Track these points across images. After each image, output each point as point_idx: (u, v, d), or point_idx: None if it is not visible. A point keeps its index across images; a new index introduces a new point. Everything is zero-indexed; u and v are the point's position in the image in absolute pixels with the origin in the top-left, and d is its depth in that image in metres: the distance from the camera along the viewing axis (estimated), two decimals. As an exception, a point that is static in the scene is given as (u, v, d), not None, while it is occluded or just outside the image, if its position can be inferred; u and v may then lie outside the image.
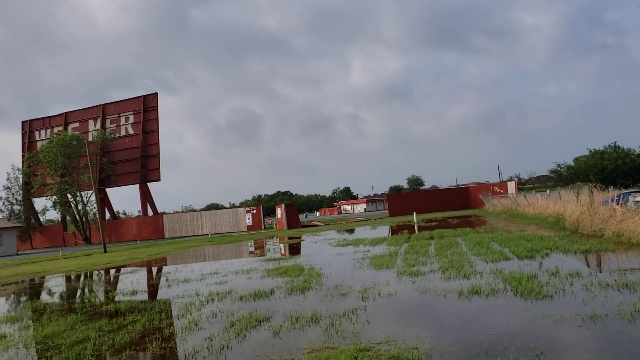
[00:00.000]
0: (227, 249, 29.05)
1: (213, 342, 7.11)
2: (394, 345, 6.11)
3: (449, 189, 67.31)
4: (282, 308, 9.09)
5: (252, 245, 31.18)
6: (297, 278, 12.77)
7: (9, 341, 8.35)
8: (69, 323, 9.45)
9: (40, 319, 10.37)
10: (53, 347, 7.67)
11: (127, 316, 9.67)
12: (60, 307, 11.96)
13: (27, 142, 68.41)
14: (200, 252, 28.87)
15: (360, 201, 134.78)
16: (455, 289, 9.29)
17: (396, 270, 12.51)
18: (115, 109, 63.71)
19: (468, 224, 30.97)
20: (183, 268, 19.13)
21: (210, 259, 23.76)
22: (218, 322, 8.49)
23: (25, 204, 66.02)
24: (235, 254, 25.65)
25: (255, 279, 13.71)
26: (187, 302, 10.78)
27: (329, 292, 10.32)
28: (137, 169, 60.18)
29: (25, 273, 24.16)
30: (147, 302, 11.21)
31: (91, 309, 11.15)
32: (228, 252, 27.14)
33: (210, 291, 11.93)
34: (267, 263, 17.56)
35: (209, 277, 15.17)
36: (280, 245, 28.76)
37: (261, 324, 8.01)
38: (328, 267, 14.46)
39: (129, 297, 12.47)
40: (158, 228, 59.39)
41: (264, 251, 25.57)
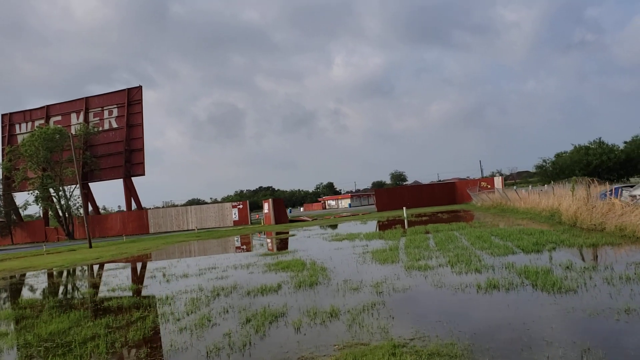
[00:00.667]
0: (218, 244, 28.65)
1: (233, 338, 6.81)
2: (428, 341, 5.87)
3: (435, 184, 67.52)
4: (295, 303, 8.82)
5: (242, 240, 30.79)
6: (301, 273, 12.50)
7: (12, 339, 7.95)
8: (72, 320, 9.06)
9: (40, 315, 9.96)
10: (62, 344, 7.31)
11: (133, 312, 9.32)
12: (58, 304, 11.53)
13: (7, 135, 67.04)
14: (190, 247, 28.43)
15: (345, 196, 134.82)
16: (470, 283, 9.09)
17: (403, 264, 12.29)
18: (98, 102, 62.67)
19: (459, 218, 30.93)
20: (177, 263, 18.72)
21: (203, 253, 23.35)
22: (231, 317, 8.18)
23: (5, 198, 64.77)
24: (227, 248, 25.28)
25: (257, 273, 13.40)
26: (193, 297, 10.44)
27: (340, 286, 10.06)
28: (121, 163, 59.33)
29: (12, 269, 23.54)
30: (150, 298, 10.86)
31: (92, 305, 10.77)
32: (219, 247, 26.76)
33: (214, 286, 11.60)
34: (264, 258, 17.25)
35: (207, 272, 14.82)
36: (272, 240, 28.41)
37: (278, 319, 7.72)
38: (330, 262, 14.19)
39: (128, 293, 12.08)
40: (142, 223, 58.62)
41: (257, 246, 25.22)
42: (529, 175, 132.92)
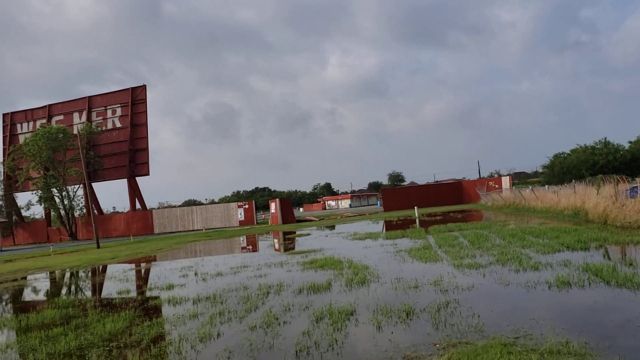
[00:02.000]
0: (233, 243, 28.30)
1: (314, 337, 6.49)
2: (536, 339, 5.57)
3: (442, 183, 67.27)
4: (357, 300, 8.50)
5: (257, 239, 30.43)
6: (343, 271, 12.19)
7: (72, 339, 7.59)
8: (126, 319, 8.72)
9: (87, 314, 9.60)
10: (131, 344, 6.98)
11: (186, 310, 8.98)
12: (99, 303, 11.19)
13: (8, 135, 66.43)
14: (204, 246, 28.05)
15: (345, 197, 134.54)
16: (537, 280, 8.80)
17: (449, 262, 12.00)
18: (101, 101, 62.15)
19: (475, 217, 30.70)
20: (202, 262, 18.38)
21: (222, 252, 23.00)
22: (298, 316, 7.87)
23: (7, 198, 64.19)
24: (245, 247, 24.92)
25: (296, 271, 13.08)
26: (243, 295, 10.12)
27: (395, 284, 9.75)
28: (125, 163, 58.84)
29: (27, 268, 23.13)
30: (196, 296, 10.49)
31: (137, 304, 10.41)
32: (235, 246, 26.41)
33: (259, 284, 11.27)
34: (294, 256, 16.91)
35: (241, 270, 14.49)
36: (290, 239, 27.97)
37: (350, 317, 7.40)
38: (367, 260, 13.87)
39: (168, 292, 11.72)
40: (147, 223, 58.16)
41: (278, 245, 24.85)
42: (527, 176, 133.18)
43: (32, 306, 11.65)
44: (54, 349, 7.06)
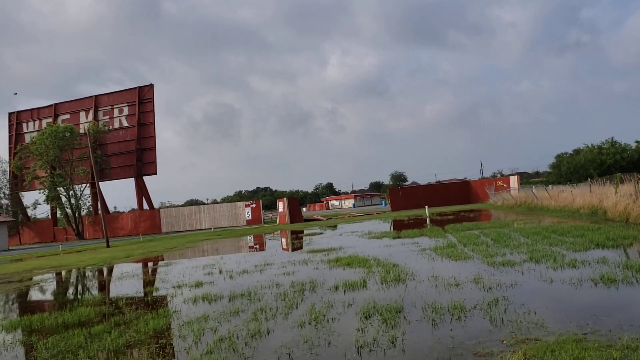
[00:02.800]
0: (246, 242, 28.22)
1: (369, 334, 6.39)
2: (606, 336, 5.46)
3: (450, 183, 67.11)
4: (399, 298, 8.39)
5: (271, 237, 30.34)
6: (374, 269, 12.10)
7: (117, 336, 7.50)
8: (166, 315, 8.66)
9: (121, 312, 9.51)
10: (181, 340, 6.89)
11: (226, 307, 8.88)
12: (131, 300, 11.11)
13: (14, 134, 66.43)
14: (218, 245, 27.96)
15: (348, 197, 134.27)
16: (580, 277, 8.70)
17: (480, 260, 11.90)
18: (108, 100, 62.12)
19: (488, 216, 30.60)
20: (222, 260, 18.27)
21: (238, 251, 22.92)
22: (344, 313, 7.76)
23: (13, 198, 64.14)
24: (261, 246, 24.83)
25: (323, 269, 12.98)
26: (278, 292, 10.02)
27: (433, 282, 9.64)
28: (132, 162, 58.79)
29: (41, 267, 23.06)
30: (230, 293, 10.38)
31: (171, 301, 10.31)
32: (250, 245, 26.31)
33: (292, 281, 11.18)
34: (315, 254, 16.79)
35: (266, 268, 14.39)
36: (305, 238, 27.81)
37: (399, 314, 7.29)
38: (394, 259, 13.74)
39: (198, 289, 11.62)
40: (155, 223, 58.12)
41: (294, 243, 24.73)
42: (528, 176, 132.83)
43: (61, 304, 11.56)
44: (102, 345, 6.97)
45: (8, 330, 8.90)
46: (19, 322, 9.31)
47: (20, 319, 9.55)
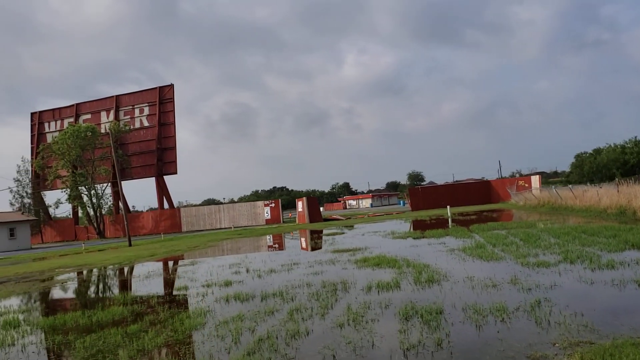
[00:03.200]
0: (268, 241, 28.20)
1: (413, 335, 6.28)
2: (665, 339, 5.29)
3: (470, 182, 66.53)
4: (436, 299, 8.25)
5: (293, 237, 30.30)
6: (404, 269, 11.96)
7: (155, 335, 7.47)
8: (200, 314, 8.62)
9: (154, 311, 9.50)
10: (220, 340, 6.83)
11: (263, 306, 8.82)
12: (163, 299, 11.11)
13: (36, 133, 67.28)
14: (240, 244, 27.99)
15: (366, 196, 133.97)
16: (621, 278, 8.49)
17: (513, 261, 11.70)
18: (129, 100, 62.64)
19: (511, 217, 30.23)
20: (246, 259, 18.26)
21: (261, 250, 22.91)
22: (382, 313, 7.65)
23: (35, 197, 64.97)
24: (284, 245, 24.77)
25: (352, 269, 12.86)
26: (309, 292, 9.95)
27: (469, 283, 9.48)
28: (153, 162, 59.21)
29: (67, 265, 23.26)
30: (261, 292, 10.32)
31: (202, 300, 10.28)
32: (272, 244, 26.28)
33: (322, 281, 11.08)
34: (341, 254, 16.67)
35: (293, 267, 14.33)
36: (327, 238, 27.68)
37: (440, 316, 7.16)
38: (423, 259, 13.57)
39: (228, 288, 11.58)
40: (175, 222, 58.48)
41: (318, 243, 24.61)
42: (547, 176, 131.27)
43: (93, 303, 11.61)
44: (140, 345, 6.94)
45: (43, 328, 8.93)
46: (53, 321, 9.33)
47: (54, 318, 9.57)
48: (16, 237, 50.45)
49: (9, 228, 49.82)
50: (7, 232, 49.45)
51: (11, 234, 49.96)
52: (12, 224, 50.50)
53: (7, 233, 49.43)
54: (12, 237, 49.91)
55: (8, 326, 9.29)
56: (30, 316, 10.23)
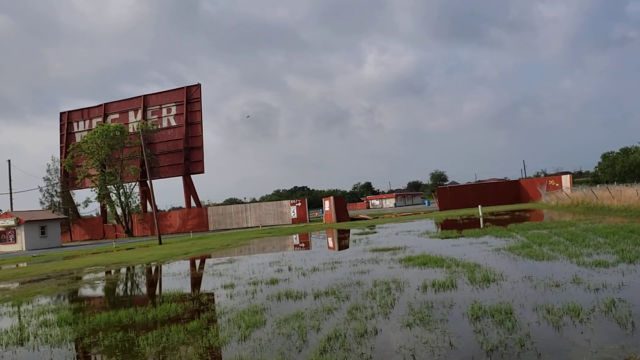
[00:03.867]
0: (300, 240, 28.10)
1: (491, 336, 6.07)
2: None
3: (499, 182, 65.67)
4: (500, 299, 8.03)
5: (325, 236, 30.15)
6: (454, 268, 11.73)
7: (217, 332, 7.39)
8: (257, 312, 8.52)
9: (207, 308, 9.43)
10: (286, 337, 6.71)
11: (322, 304, 8.69)
12: (213, 297, 11.05)
13: (65, 133, 68.14)
14: (272, 243, 27.94)
15: (389, 196, 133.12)
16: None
17: (568, 260, 11.40)
18: (156, 100, 63.09)
19: (545, 216, 29.68)
20: (284, 257, 18.15)
21: (297, 249, 22.80)
22: (447, 313, 7.45)
23: (64, 196, 65.82)
24: (318, 244, 24.63)
25: (399, 269, 12.66)
26: (363, 291, 9.80)
27: (527, 282, 9.23)
28: (180, 161, 59.55)
29: (103, 263, 23.43)
30: (313, 291, 10.19)
31: (253, 298, 10.19)
32: (304, 242, 26.16)
33: (374, 280, 10.92)
34: (381, 253, 16.47)
35: (336, 266, 14.18)
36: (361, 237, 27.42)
37: (511, 316, 6.93)
38: (471, 258, 13.28)
39: (275, 287, 11.49)
40: (202, 220, 58.78)
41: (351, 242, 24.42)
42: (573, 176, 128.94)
43: (142, 300, 11.60)
44: (207, 342, 6.85)
45: (100, 325, 8.90)
46: (107, 318, 9.31)
47: (108, 315, 9.55)
48: (47, 235, 51.10)
49: (40, 226, 50.50)
50: (38, 230, 50.13)
51: (42, 232, 50.64)
52: (44, 222, 51.19)
53: (38, 231, 50.11)
54: (43, 235, 50.59)
55: (63, 323, 9.29)
56: (82, 314, 10.21)
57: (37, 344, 7.89)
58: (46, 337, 8.23)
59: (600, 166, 66.28)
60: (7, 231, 49.57)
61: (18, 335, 8.52)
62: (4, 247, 49.41)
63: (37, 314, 10.63)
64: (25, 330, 8.92)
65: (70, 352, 7.29)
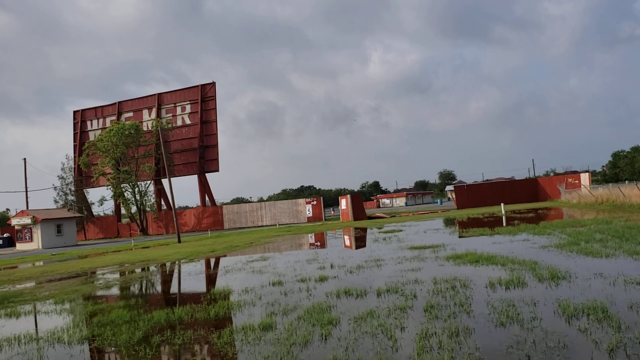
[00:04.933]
0: (324, 238, 27.79)
1: (599, 335, 5.72)
2: None
3: (517, 180, 65.20)
4: (581, 296, 7.67)
5: (349, 234, 29.81)
6: (509, 266, 11.35)
7: (285, 330, 7.07)
8: (324, 311, 8.20)
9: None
10: (371, 337, 6.38)
11: (387, 302, 8.36)
12: (277, 293, 10.75)
13: (79, 132, 68.21)
14: (298, 240, 27.65)
15: (400, 195, 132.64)
16: None
17: (629, 258, 11.01)
18: (170, 98, 63.01)
19: (571, 214, 29.21)
20: (318, 255, 17.82)
21: (328, 247, 22.48)
22: (539, 311, 7.09)
23: (78, 194, 65.80)
24: (347, 241, 24.29)
25: (450, 266, 12.30)
26: (427, 289, 9.45)
27: (602, 280, 8.85)
28: (195, 160, 59.43)
29: (129, 261, 23.21)
30: (371, 289, 9.87)
31: (311, 296, 9.87)
32: (331, 240, 25.84)
33: (434, 278, 10.55)
34: (421, 251, 16.09)
35: (380, 263, 13.83)
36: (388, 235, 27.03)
37: (607, 315, 6.57)
38: (521, 256, 12.86)
39: (325, 285, 11.17)
40: (217, 219, 58.61)
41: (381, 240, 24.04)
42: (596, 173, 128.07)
43: (191, 297, 11.32)
44: (291, 340, 6.53)
45: (161, 323, 8.59)
46: (165, 316, 9.01)
47: (165, 313, 9.25)
48: (63, 233, 51.06)
49: (56, 225, 50.46)
50: (54, 229, 50.08)
51: (58, 230, 50.59)
52: (60, 220, 51.14)
53: (54, 229, 50.07)
54: (59, 234, 50.54)
55: (121, 321, 9.00)
56: (136, 312, 9.90)
57: (104, 342, 7.60)
58: (112, 335, 7.91)
59: (620, 164, 65.64)
60: (24, 229, 49.54)
61: (81, 334, 8.24)
62: (20, 246, 49.41)
63: (89, 312, 10.34)
64: (84, 329, 8.64)
65: (149, 351, 6.96)
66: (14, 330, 8.93)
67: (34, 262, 29.16)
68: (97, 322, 8.98)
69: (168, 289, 14.04)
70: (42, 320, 10.06)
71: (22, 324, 9.71)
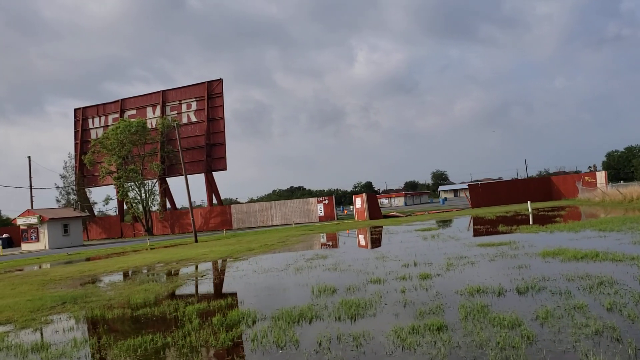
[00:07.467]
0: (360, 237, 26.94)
1: None
2: None
3: (530, 179, 64.90)
4: None
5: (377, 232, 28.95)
6: (628, 262, 10.61)
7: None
8: (438, 311, 7.37)
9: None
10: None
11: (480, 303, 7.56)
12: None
13: (80, 129, 66.90)
14: (328, 239, 26.74)
15: (398, 195, 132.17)
16: None
17: None
18: (176, 95, 61.89)
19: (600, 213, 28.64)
20: (380, 253, 16.91)
21: (377, 244, 21.63)
22: None
23: (80, 194, 64.40)
24: (388, 240, 23.43)
25: (557, 263, 11.56)
26: (578, 285, 8.66)
27: None
28: (201, 158, 58.36)
29: (164, 260, 22.19)
30: (453, 288, 9.07)
31: (392, 296, 9.05)
32: (372, 237, 24.99)
33: (562, 275, 9.76)
34: (497, 248, 15.28)
35: (471, 261, 13.00)
36: (429, 232, 26.14)
37: None
38: (622, 250, 12.20)
39: (404, 283, 10.34)
40: (226, 219, 57.54)
41: (421, 239, 23.23)
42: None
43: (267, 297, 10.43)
44: (456, 340, 5.68)
45: (261, 318, 7.72)
46: (249, 313, 8.15)
47: (240, 314, 8.40)
48: (70, 233, 49.77)
49: (62, 224, 49.15)
50: (61, 229, 48.77)
51: (65, 230, 49.29)
52: (66, 220, 49.82)
53: (61, 229, 48.76)
54: (65, 234, 49.24)
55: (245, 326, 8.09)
56: (223, 312, 9.00)
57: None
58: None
59: (606, 164, 65.57)
60: (30, 229, 48.18)
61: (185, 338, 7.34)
62: (26, 246, 48.04)
63: (193, 312, 9.39)
64: (189, 328, 7.74)
65: (272, 357, 6.08)
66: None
67: (49, 263, 27.98)
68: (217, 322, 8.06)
69: (235, 289, 13.07)
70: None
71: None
